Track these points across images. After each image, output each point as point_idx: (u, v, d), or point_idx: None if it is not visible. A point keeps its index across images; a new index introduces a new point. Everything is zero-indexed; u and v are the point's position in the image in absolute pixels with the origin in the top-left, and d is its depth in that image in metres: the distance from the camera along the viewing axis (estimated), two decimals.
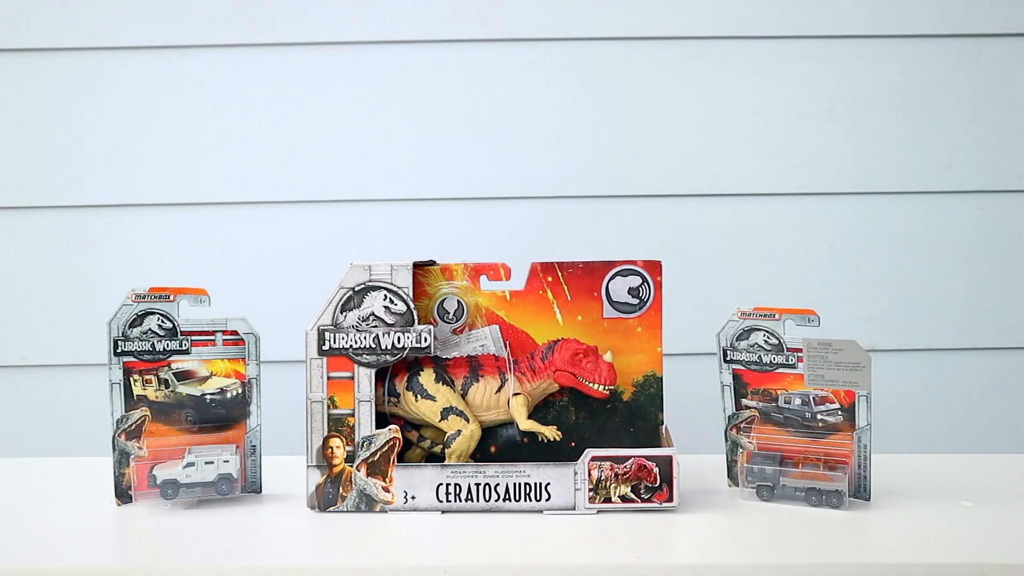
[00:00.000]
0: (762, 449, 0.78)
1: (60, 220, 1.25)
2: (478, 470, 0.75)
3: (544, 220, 1.26)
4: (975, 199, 1.16)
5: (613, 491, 0.74)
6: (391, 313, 0.76)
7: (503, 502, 0.75)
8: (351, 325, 0.76)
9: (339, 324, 0.76)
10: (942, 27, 1.23)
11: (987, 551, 0.66)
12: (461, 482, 0.75)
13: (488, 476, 0.75)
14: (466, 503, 0.75)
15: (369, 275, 0.76)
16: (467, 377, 0.78)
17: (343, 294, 0.76)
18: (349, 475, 0.75)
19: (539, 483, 0.75)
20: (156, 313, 0.77)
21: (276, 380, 1.10)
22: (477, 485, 0.75)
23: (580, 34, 1.23)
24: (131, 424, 0.76)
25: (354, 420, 0.75)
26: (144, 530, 0.71)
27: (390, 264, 0.76)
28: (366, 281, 0.76)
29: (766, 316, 0.75)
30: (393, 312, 0.76)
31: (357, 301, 0.76)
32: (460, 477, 0.75)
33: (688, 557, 0.65)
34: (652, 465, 0.74)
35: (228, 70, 1.24)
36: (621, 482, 0.74)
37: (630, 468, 0.74)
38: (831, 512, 0.74)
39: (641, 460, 0.74)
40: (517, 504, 0.75)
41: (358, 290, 0.76)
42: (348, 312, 0.76)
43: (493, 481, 0.75)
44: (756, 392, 0.78)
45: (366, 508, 0.75)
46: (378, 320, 0.76)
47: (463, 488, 0.75)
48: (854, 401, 0.74)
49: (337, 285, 0.75)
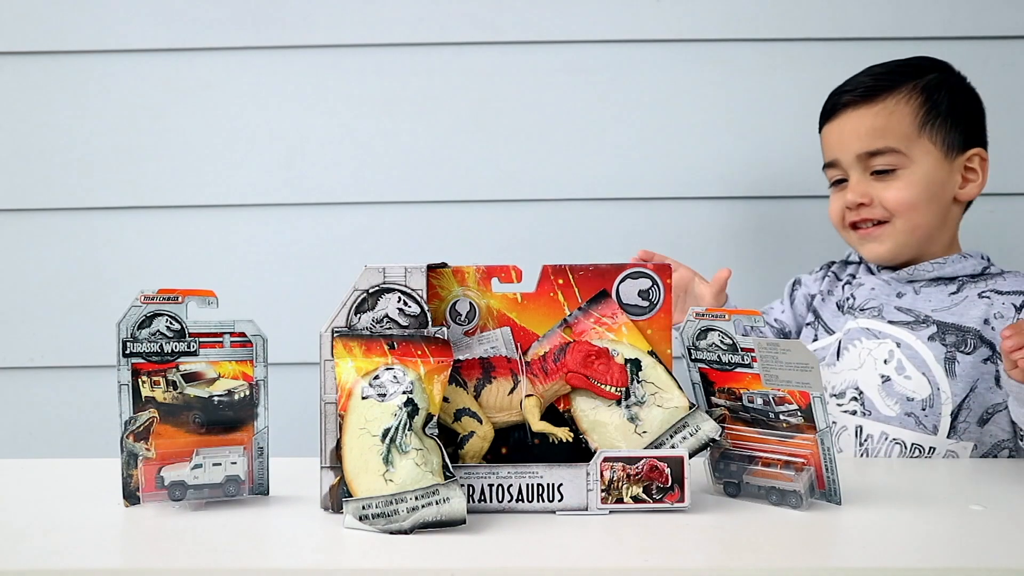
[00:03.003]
0: (735, 447, 0.79)
1: (69, 222, 1.25)
2: (491, 471, 0.75)
3: (554, 222, 1.26)
4: (984, 201, 1.15)
5: (625, 492, 0.75)
6: (405, 315, 0.76)
7: (516, 503, 0.74)
8: (365, 327, 0.76)
9: (353, 326, 0.76)
10: (949, 29, 1.22)
11: (996, 555, 0.66)
12: (475, 483, 0.75)
13: (501, 477, 0.75)
14: (479, 504, 0.74)
15: (383, 277, 0.76)
16: (480, 379, 0.78)
17: (357, 296, 0.75)
18: None
19: (552, 484, 0.74)
20: (165, 315, 0.77)
21: (284, 382, 1.10)
22: (491, 486, 0.75)
23: (589, 36, 1.23)
24: (139, 425, 0.76)
25: None
26: (151, 531, 0.71)
27: (404, 266, 0.76)
28: (380, 283, 0.76)
29: (717, 317, 0.76)
30: (407, 314, 0.76)
31: (371, 303, 0.76)
32: (474, 478, 0.75)
33: (696, 560, 0.65)
34: (664, 466, 0.74)
35: (236, 73, 1.24)
36: (633, 483, 0.75)
37: (642, 469, 0.74)
38: (833, 515, 0.74)
39: (653, 461, 0.74)
40: (530, 505, 0.74)
41: (372, 292, 0.76)
42: (362, 314, 0.76)
43: (506, 482, 0.75)
44: (722, 391, 0.79)
45: None
46: (392, 322, 0.76)
47: (476, 489, 0.75)
48: (810, 402, 0.74)
49: (351, 287, 0.75)
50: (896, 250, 1.03)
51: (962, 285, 1.02)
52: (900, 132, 1.00)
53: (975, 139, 1.04)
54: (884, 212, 1.01)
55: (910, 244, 1.03)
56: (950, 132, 1.01)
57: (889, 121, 1.00)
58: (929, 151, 1.00)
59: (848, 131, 1.02)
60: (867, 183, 1.02)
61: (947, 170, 1.02)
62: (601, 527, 0.71)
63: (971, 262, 1.03)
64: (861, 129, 1.01)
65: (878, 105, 1.01)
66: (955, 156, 1.02)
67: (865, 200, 1.02)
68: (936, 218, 1.02)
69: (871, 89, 1.02)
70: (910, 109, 1.00)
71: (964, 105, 1.04)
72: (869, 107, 1.01)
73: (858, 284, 1.08)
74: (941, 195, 1.02)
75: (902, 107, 1.00)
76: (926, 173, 1.00)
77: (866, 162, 1.01)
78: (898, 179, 1.00)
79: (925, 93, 1.01)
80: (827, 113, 1.06)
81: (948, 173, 1.02)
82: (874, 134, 1.00)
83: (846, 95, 1.04)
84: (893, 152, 1.00)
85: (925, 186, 1.00)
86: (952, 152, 1.02)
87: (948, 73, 1.05)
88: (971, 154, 1.03)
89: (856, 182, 1.02)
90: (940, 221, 1.03)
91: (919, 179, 1.00)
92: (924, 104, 1.01)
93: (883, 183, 1.01)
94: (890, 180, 1.01)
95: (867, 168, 1.02)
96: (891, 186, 1.01)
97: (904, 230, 1.01)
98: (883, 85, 1.01)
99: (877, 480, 0.84)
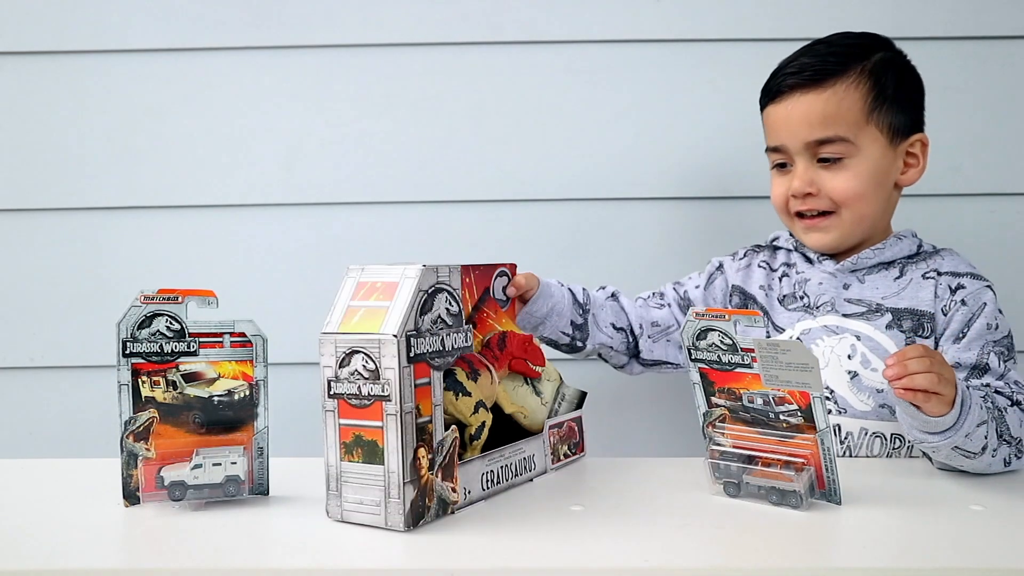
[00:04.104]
0: (735, 447, 0.79)
1: (69, 222, 1.25)
2: (501, 454, 0.82)
3: (554, 222, 1.26)
4: (985, 202, 1.15)
5: (560, 451, 0.91)
6: (450, 315, 0.77)
7: (514, 478, 0.84)
8: (427, 329, 0.74)
9: (420, 329, 0.73)
10: (950, 29, 1.22)
11: (996, 555, 0.66)
12: (494, 467, 0.81)
13: (506, 457, 0.83)
14: (497, 485, 0.82)
15: (436, 277, 0.76)
16: (469, 372, 0.80)
17: (421, 297, 0.74)
18: (431, 483, 0.73)
19: (529, 456, 0.86)
20: (165, 315, 0.77)
21: (283, 382, 1.10)
22: (502, 467, 0.82)
23: (589, 36, 1.23)
24: (139, 425, 0.76)
25: (432, 427, 0.73)
26: (151, 531, 0.71)
27: (448, 265, 0.77)
28: (435, 283, 0.76)
29: (717, 317, 0.76)
30: (451, 314, 0.77)
31: (429, 304, 0.75)
32: (494, 463, 0.81)
33: (696, 560, 0.65)
34: (575, 424, 0.93)
35: (236, 73, 1.24)
36: (562, 443, 0.91)
37: (566, 431, 0.92)
38: (833, 515, 0.74)
39: (571, 423, 0.93)
40: (519, 478, 0.85)
41: (431, 293, 0.75)
42: (424, 315, 0.74)
43: (508, 462, 0.83)
44: (722, 391, 0.79)
45: (441, 513, 0.74)
46: (442, 322, 0.76)
47: (495, 472, 0.82)
48: (810, 403, 0.74)
49: (415, 288, 0.73)
50: (841, 240, 1.01)
51: (903, 268, 1.00)
52: (849, 120, 0.97)
53: (918, 123, 1.02)
54: (830, 203, 0.99)
55: (855, 234, 1.01)
56: (896, 116, 0.99)
57: (839, 108, 0.97)
58: (876, 138, 0.98)
59: (796, 117, 0.99)
60: (814, 171, 0.99)
61: (892, 156, 1.00)
62: (601, 527, 0.71)
63: (906, 243, 1.02)
64: (811, 116, 0.98)
65: (827, 91, 0.97)
66: (899, 142, 1.00)
67: (812, 190, 0.99)
68: (881, 205, 1.01)
69: (819, 72, 0.98)
70: (859, 95, 0.97)
71: (909, 87, 1.01)
72: (818, 93, 0.98)
73: (802, 278, 1.04)
74: (885, 182, 1.00)
75: (851, 93, 0.97)
76: (873, 162, 0.98)
77: (813, 149, 0.98)
78: (845, 169, 0.98)
79: (873, 77, 0.98)
80: (771, 94, 1.02)
81: (892, 159, 1.00)
82: (823, 122, 0.97)
83: (792, 77, 1.00)
84: (842, 141, 0.97)
85: (872, 175, 0.98)
86: (897, 138, 0.99)
87: (893, 52, 1.02)
88: (914, 139, 1.01)
89: (803, 170, 0.99)
90: (884, 208, 1.02)
91: (866, 169, 0.98)
92: (872, 89, 0.98)
93: (830, 172, 0.98)
94: (837, 170, 0.98)
95: (814, 155, 0.99)
96: (838, 176, 0.98)
97: (850, 221, 0.99)
98: (831, 68, 0.98)
99: (877, 480, 0.84)
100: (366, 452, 0.71)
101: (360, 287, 0.75)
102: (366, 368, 0.70)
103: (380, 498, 0.70)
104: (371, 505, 0.71)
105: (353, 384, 0.71)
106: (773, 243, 1.11)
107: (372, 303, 0.73)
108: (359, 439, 0.71)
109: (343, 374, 0.71)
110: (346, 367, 0.71)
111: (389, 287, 0.73)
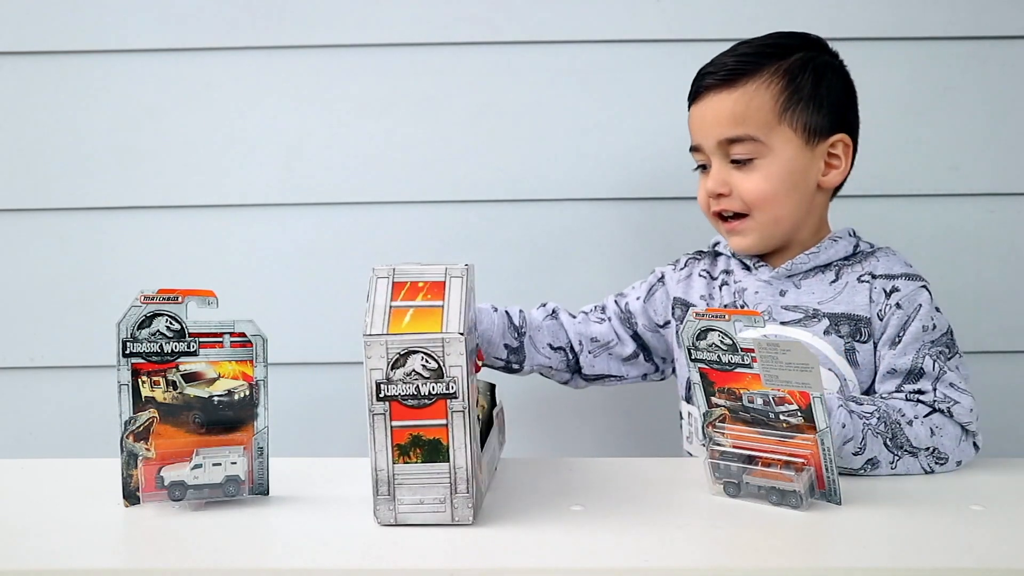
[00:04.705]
0: (735, 447, 0.79)
1: (69, 222, 1.25)
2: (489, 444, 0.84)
3: (554, 222, 1.26)
4: (983, 202, 1.15)
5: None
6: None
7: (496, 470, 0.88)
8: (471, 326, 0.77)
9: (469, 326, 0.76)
10: (950, 29, 1.22)
11: (996, 556, 0.66)
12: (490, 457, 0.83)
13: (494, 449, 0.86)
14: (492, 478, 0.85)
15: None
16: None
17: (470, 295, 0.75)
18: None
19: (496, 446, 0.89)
20: (165, 315, 0.77)
21: (283, 382, 1.10)
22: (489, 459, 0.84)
23: (589, 36, 1.23)
24: (139, 425, 0.76)
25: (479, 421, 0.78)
26: (151, 531, 0.71)
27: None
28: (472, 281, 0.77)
29: (717, 317, 0.76)
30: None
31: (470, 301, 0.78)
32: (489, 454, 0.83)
33: (696, 560, 0.65)
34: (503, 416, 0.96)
35: (236, 73, 1.24)
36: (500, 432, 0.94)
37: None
38: (833, 515, 0.74)
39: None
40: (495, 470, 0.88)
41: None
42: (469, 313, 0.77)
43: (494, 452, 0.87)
44: (722, 391, 0.79)
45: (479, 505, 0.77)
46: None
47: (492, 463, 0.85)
48: (810, 403, 0.74)
49: (464, 286, 0.73)
50: (761, 242, 1.00)
51: (839, 271, 0.99)
52: (759, 119, 0.96)
53: (841, 124, 1.00)
54: (743, 204, 0.98)
55: (775, 236, 0.99)
56: (813, 116, 0.97)
57: (748, 108, 0.96)
58: (789, 139, 0.96)
59: (709, 116, 0.98)
60: (727, 171, 0.98)
61: (808, 157, 0.98)
62: (601, 527, 0.71)
63: (842, 244, 1.00)
64: (721, 115, 0.97)
65: (739, 90, 0.97)
66: (818, 142, 0.98)
67: (724, 190, 0.98)
68: (799, 208, 0.99)
69: (733, 72, 0.97)
70: (771, 95, 0.96)
71: (830, 87, 0.99)
72: (730, 92, 0.97)
73: (740, 287, 1.03)
74: (802, 184, 0.98)
75: (762, 92, 0.96)
76: (785, 163, 0.96)
77: (726, 149, 0.98)
78: (756, 170, 0.97)
79: (788, 76, 0.97)
80: (692, 94, 1.02)
81: (810, 160, 0.98)
82: (733, 121, 0.96)
83: (708, 77, 0.99)
84: (752, 140, 0.96)
85: (784, 177, 0.96)
86: (815, 138, 0.97)
87: (817, 51, 1.00)
88: (835, 139, 0.99)
89: (716, 170, 0.99)
90: (804, 210, 1.00)
91: (778, 170, 0.96)
92: (786, 88, 0.96)
93: (742, 173, 0.97)
94: (748, 170, 0.97)
95: (727, 155, 0.98)
96: (749, 177, 0.97)
97: (765, 223, 0.98)
98: (745, 68, 0.97)
99: (877, 480, 0.84)
100: (426, 452, 0.70)
101: (399, 288, 0.73)
102: (426, 368, 0.69)
103: (445, 495, 0.70)
104: (433, 503, 0.70)
105: (410, 385, 0.69)
106: (715, 248, 1.09)
107: (421, 303, 0.72)
108: (417, 439, 0.70)
109: (396, 375, 0.69)
110: (400, 368, 0.69)
111: (435, 287, 0.72)
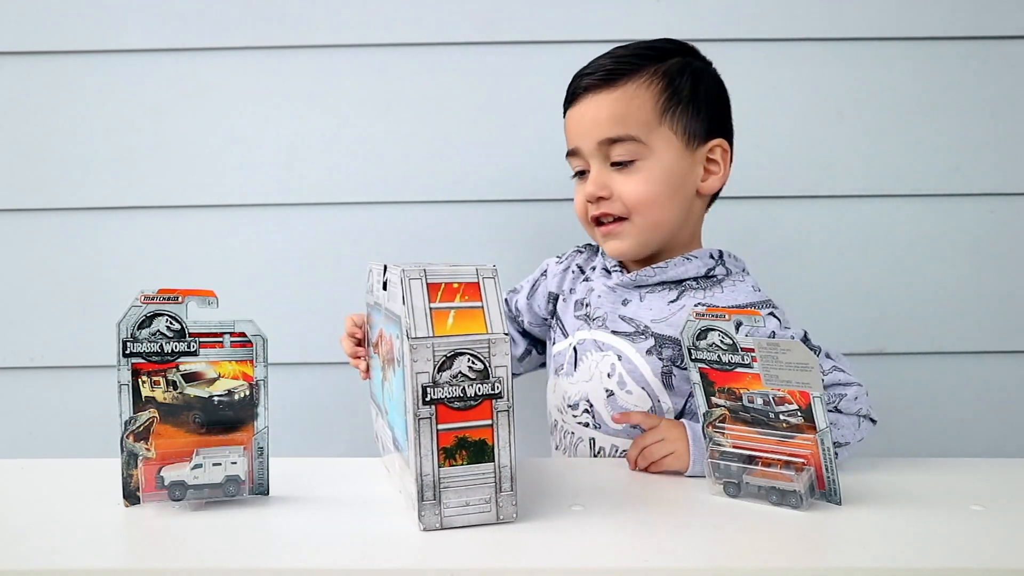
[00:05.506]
0: (735, 447, 0.79)
1: (69, 222, 1.25)
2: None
3: (554, 222, 1.26)
4: (984, 202, 1.15)
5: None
6: None
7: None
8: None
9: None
10: (951, 29, 1.22)
11: (996, 555, 0.66)
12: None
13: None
14: None
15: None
16: None
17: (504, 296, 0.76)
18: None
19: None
20: (165, 315, 0.77)
21: (283, 382, 1.10)
22: None
23: (589, 36, 1.23)
24: (139, 425, 0.76)
25: None
26: (151, 531, 0.71)
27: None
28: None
29: (718, 317, 0.76)
30: None
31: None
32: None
33: (696, 560, 0.65)
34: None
35: (236, 73, 1.24)
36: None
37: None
38: (833, 515, 0.74)
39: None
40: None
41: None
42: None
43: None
44: (722, 391, 0.79)
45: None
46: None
47: None
48: (810, 402, 0.74)
49: (498, 287, 0.73)
50: (637, 248, 0.98)
51: (683, 292, 0.97)
52: (640, 119, 0.94)
53: (718, 129, 0.99)
54: (623, 208, 0.96)
55: (651, 241, 0.98)
56: (692, 120, 0.96)
57: (629, 107, 0.95)
58: (670, 141, 0.95)
59: (589, 117, 0.97)
60: (607, 174, 0.97)
61: (688, 161, 0.97)
62: (601, 527, 0.71)
63: (695, 264, 0.98)
64: (601, 115, 0.95)
65: (618, 90, 0.95)
66: (696, 146, 0.97)
67: (604, 193, 0.96)
68: (678, 212, 0.97)
69: (611, 73, 0.96)
70: (651, 94, 0.95)
71: (707, 92, 0.98)
72: (609, 92, 0.96)
73: (589, 287, 1.03)
74: (682, 189, 0.97)
75: (643, 92, 0.95)
76: (667, 165, 0.95)
77: (606, 151, 0.96)
78: (637, 172, 0.95)
79: (667, 78, 0.95)
80: (568, 98, 1.01)
81: (690, 165, 0.97)
82: (613, 121, 0.95)
83: (587, 79, 0.98)
84: (632, 141, 0.94)
85: (666, 179, 0.95)
86: (694, 141, 0.96)
87: (692, 57, 1.00)
88: (712, 145, 0.98)
89: (596, 173, 0.97)
90: (683, 216, 0.98)
91: (659, 173, 0.95)
92: (666, 89, 0.95)
93: (623, 175, 0.96)
94: (629, 173, 0.95)
95: (607, 158, 0.96)
96: (630, 179, 0.95)
97: (645, 227, 0.97)
98: (624, 69, 0.96)
99: (877, 480, 0.84)
100: (472, 453, 0.70)
101: (434, 289, 0.72)
102: (472, 369, 0.69)
103: (490, 495, 0.70)
104: (479, 504, 0.70)
105: (456, 387, 0.69)
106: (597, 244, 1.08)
107: (460, 304, 0.71)
108: (463, 441, 0.70)
109: (443, 378, 0.69)
110: (446, 371, 0.69)
111: (471, 287, 0.72)
